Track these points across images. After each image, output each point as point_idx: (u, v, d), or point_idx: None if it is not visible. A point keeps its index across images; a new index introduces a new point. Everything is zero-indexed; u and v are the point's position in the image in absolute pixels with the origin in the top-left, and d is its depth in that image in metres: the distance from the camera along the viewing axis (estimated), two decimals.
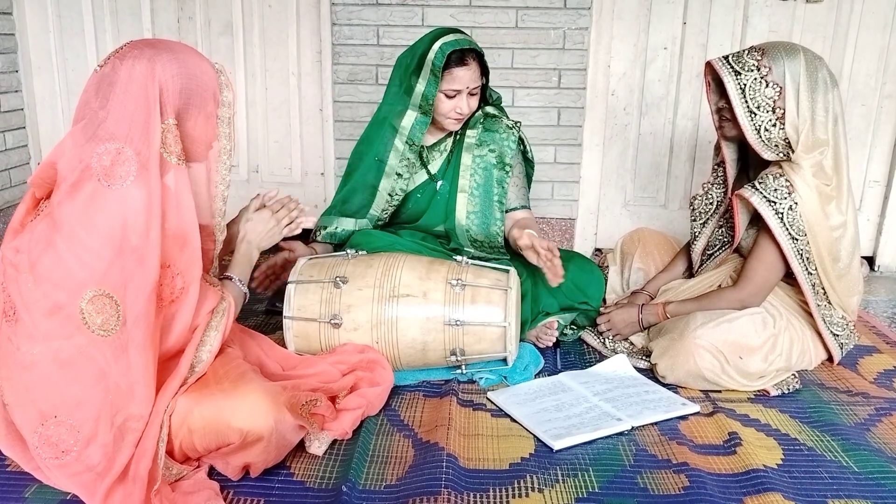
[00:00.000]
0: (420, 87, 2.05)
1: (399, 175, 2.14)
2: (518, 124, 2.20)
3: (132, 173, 1.33)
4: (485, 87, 2.18)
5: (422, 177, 2.21)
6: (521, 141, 2.21)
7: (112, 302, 1.32)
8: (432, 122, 2.13)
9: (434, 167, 2.21)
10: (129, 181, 1.32)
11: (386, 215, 2.20)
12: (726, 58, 1.90)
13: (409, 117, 2.09)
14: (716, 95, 1.98)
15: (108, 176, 1.31)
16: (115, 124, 1.33)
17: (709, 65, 1.94)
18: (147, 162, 1.34)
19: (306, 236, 2.29)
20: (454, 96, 2.06)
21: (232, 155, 1.54)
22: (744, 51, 1.90)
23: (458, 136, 2.21)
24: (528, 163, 2.28)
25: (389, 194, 2.16)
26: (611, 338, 2.13)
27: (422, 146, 2.21)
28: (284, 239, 1.86)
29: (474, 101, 2.11)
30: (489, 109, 2.22)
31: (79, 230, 1.30)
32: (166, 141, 1.38)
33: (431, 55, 2.02)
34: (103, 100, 1.34)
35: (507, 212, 2.23)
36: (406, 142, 2.11)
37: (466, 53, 2.05)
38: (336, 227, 2.18)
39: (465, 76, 2.04)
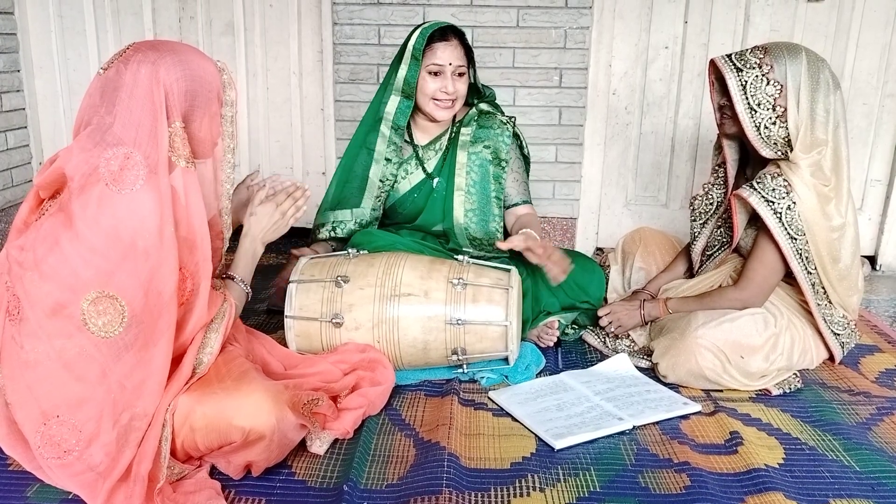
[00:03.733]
0: (402, 71, 2.07)
1: (388, 160, 2.15)
2: (513, 119, 2.21)
3: (141, 178, 1.33)
4: (474, 83, 2.17)
5: (418, 176, 2.21)
6: (516, 136, 2.21)
7: (116, 304, 1.32)
8: (424, 114, 2.14)
9: (430, 166, 2.21)
10: (138, 185, 1.33)
11: (380, 204, 2.19)
12: (729, 56, 1.90)
13: (393, 103, 2.11)
14: (718, 94, 1.98)
15: (116, 181, 1.32)
16: (123, 129, 1.33)
17: (712, 63, 1.94)
18: (156, 166, 1.34)
19: (305, 236, 2.29)
20: (438, 73, 2.06)
21: (235, 153, 1.54)
22: (746, 49, 1.91)
23: (452, 134, 2.21)
24: (525, 158, 2.28)
25: (381, 180, 2.16)
26: (612, 330, 2.12)
27: (417, 145, 2.21)
28: (293, 245, 1.81)
29: (462, 86, 2.10)
30: (483, 106, 2.22)
31: (85, 231, 1.30)
32: (174, 144, 1.38)
33: (412, 40, 2.05)
34: (109, 105, 1.35)
35: (508, 207, 2.23)
36: (392, 126, 2.12)
37: (447, 31, 2.07)
38: (333, 222, 2.18)
39: (446, 51, 2.05)
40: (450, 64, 2.05)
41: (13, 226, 1.42)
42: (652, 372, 2.00)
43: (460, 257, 1.98)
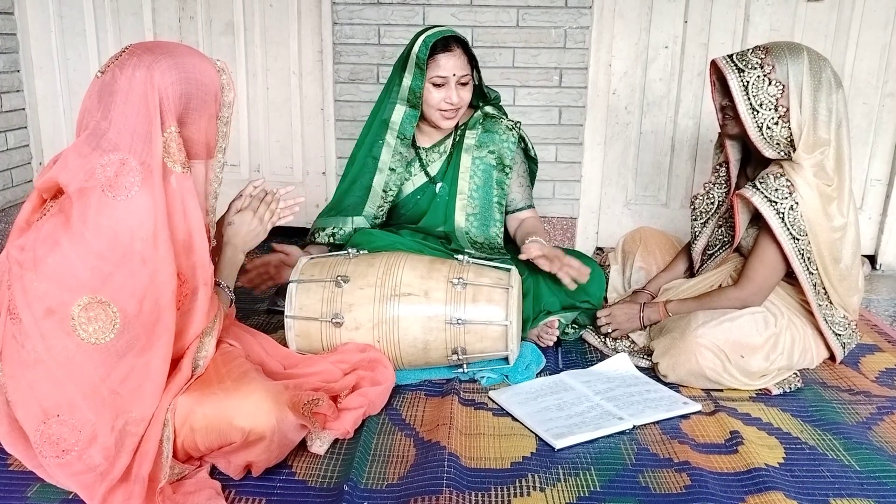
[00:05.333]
0: (406, 80, 2.06)
1: (392, 170, 2.15)
2: (518, 124, 2.20)
3: (137, 184, 1.33)
4: (478, 86, 2.17)
5: (421, 179, 2.21)
6: (521, 140, 2.21)
7: (108, 310, 1.32)
8: (428, 121, 2.14)
9: (433, 169, 2.21)
10: (133, 191, 1.32)
11: (382, 212, 2.19)
12: (730, 56, 1.90)
13: (399, 112, 2.10)
14: (720, 94, 1.98)
15: (112, 187, 1.32)
16: (118, 135, 1.33)
17: (713, 63, 1.94)
18: (151, 172, 1.34)
19: (301, 236, 2.28)
20: (442, 84, 2.06)
21: (226, 153, 1.54)
22: (748, 50, 1.90)
23: (457, 138, 2.21)
24: (532, 160, 2.28)
25: (384, 190, 2.16)
26: (610, 331, 2.12)
27: (420, 148, 2.21)
28: (277, 240, 1.80)
29: (466, 94, 2.10)
30: (488, 110, 2.22)
31: (86, 233, 1.30)
32: (169, 149, 1.38)
33: (416, 48, 2.04)
34: (105, 110, 1.35)
35: (512, 212, 2.23)
36: (397, 136, 2.12)
37: (450, 41, 2.05)
38: (334, 228, 2.18)
39: (449, 62, 2.04)
40: (453, 74, 2.05)
41: (15, 225, 1.42)
42: (652, 371, 2.00)
43: (460, 257, 1.98)
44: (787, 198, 1.86)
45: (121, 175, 1.32)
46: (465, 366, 1.93)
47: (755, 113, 1.87)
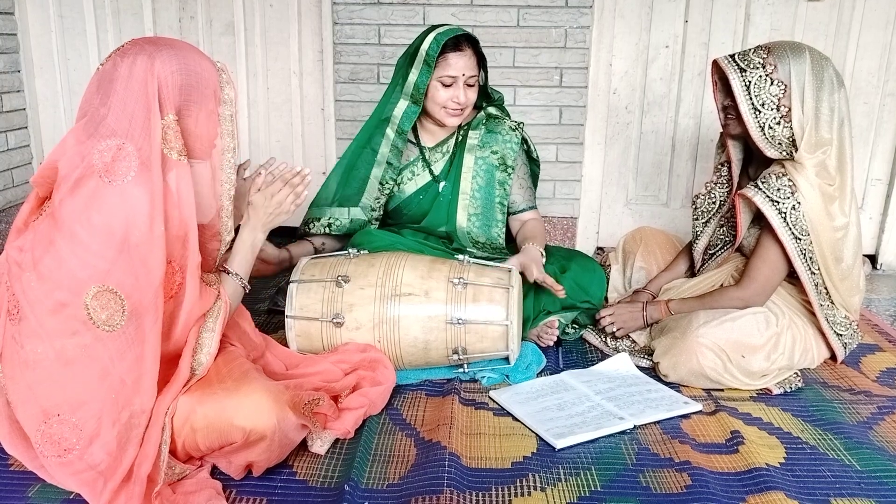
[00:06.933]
0: (413, 76, 2.06)
1: (389, 164, 2.14)
2: (521, 125, 2.21)
3: (133, 169, 1.33)
4: (484, 86, 2.17)
5: (425, 178, 2.21)
6: (524, 141, 2.22)
7: (116, 297, 1.32)
8: (433, 119, 2.13)
9: (436, 168, 2.21)
10: (129, 177, 1.32)
11: (379, 205, 2.19)
12: (732, 56, 1.90)
13: (400, 107, 2.10)
14: (722, 94, 1.98)
15: (108, 172, 1.32)
16: (116, 121, 1.34)
17: (715, 63, 1.94)
18: (148, 158, 1.34)
19: (291, 235, 2.27)
20: (451, 84, 2.05)
21: (236, 153, 1.53)
22: (749, 49, 1.90)
23: (460, 138, 2.21)
24: (533, 161, 2.28)
25: (381, 182, 2.16)
26: (614, 331, 2.12)
27: (424, 147, 2.21)
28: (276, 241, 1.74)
29: (472, 94, 2.10)
30: (491, 110, 2.22)
31: (78, 230, 1.30)
32: (167, 137, 1.38)
33: (426, 45, 2.03)
34: (104, 97, 1.35)
35: (514, 213, 2.24)
36: (396, 130, 2.12)
37: (461, 40, 2.05)
38: (330, 218, 2.17)
39: (460, 62, 2.04)
40: (463, 74, 2.05)
41: (14, 226, 1.42)
42: (653, 371, 2.00)
43: (461, 257, 1.98)
44: (789, 197, 1.86)
45: (117, 160, 1.32)
46: (465, 365, 1.93)
47: (757, 113, 1.87)
